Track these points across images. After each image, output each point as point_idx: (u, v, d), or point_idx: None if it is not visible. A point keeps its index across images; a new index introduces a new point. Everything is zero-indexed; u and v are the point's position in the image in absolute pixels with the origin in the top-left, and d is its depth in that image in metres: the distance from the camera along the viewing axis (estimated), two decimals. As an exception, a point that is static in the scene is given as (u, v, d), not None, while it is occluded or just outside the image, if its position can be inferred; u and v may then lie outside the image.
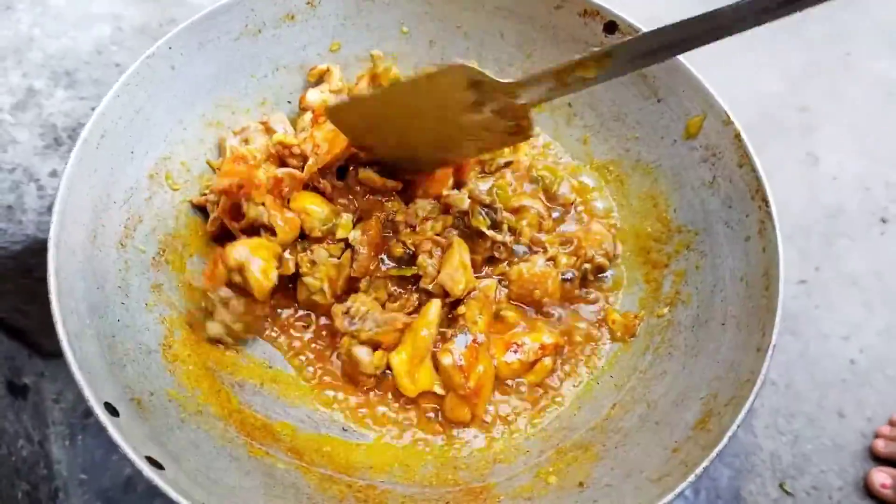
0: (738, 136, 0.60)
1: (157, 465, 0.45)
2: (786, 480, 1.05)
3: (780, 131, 1.34)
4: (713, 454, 0.47)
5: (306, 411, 0.61)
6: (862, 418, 1.10)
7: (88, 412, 0.95)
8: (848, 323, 1.17)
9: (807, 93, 1.38)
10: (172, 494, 0.43)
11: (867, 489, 1.03)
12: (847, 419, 1.09)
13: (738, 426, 0.48)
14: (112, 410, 0.47)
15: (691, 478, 0.47)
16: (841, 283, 1.20)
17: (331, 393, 0.63)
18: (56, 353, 0.95)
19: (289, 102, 0.74)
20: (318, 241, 0.64)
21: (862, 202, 1.25)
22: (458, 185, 0.68)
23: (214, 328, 0.61)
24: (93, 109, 0.76)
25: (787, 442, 1.08)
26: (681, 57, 0.64)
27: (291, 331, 0.66)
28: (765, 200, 0.58)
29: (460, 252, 0.63)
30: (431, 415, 0.62)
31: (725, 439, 0.48)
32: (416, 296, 0.64)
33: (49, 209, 0.73)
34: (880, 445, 1.06)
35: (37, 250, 0.74)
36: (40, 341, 0.93)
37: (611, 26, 0.67)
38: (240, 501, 0.48)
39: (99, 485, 0.91)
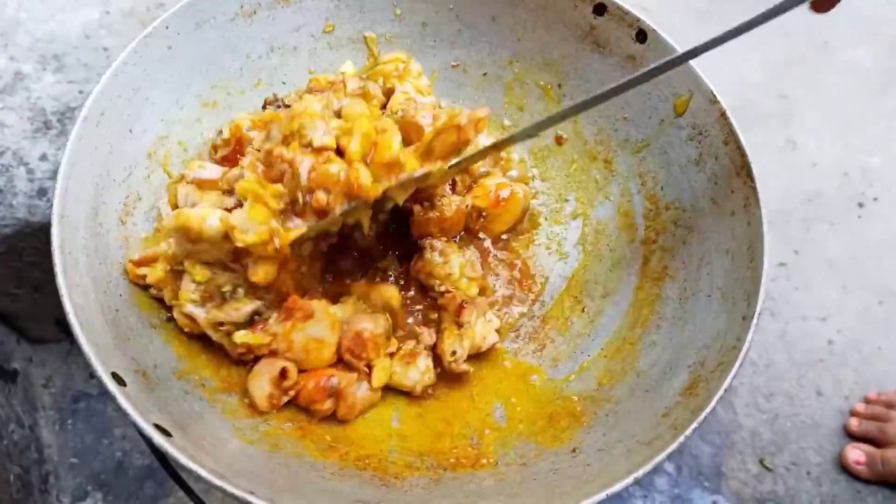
0: (723, 114, 0.63)
1: (165, 433, 0.46)
2: (765, 456, 1.08)
3: (760, 118, 1.37)
4: (701, 416, 0.49)
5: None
6: (839, 397, 1.13)
7: (77, 397, 0.95)
8: (826, 305, 1.20)
9: (786, 81, 1.41)
10: (182, 459, 0.44)
11: (842, 465, 1.06)
12: (825, 398, 1.12)
13: (725, 390, 0.51)
14: (119, 380, 0.47)
15: (681, 438, 0.49)
16: (819, 266, 1.23)
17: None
18: (45, 339, 0.96)
19: (283, 83, 0.75)
20: None
21: (840, 187, 1.28)
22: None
23: None
24: (81, 93, 0.77)
25: (767, 420, 1.11)
26: (669, 39, 0.66)
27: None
28: (749, 177, 0.60)
29: None
30: None
31: (713, 402, 0.50)
32: None
33: (39, 193, 0.73)
34: (854, 424, 1.09)
35: (27, 234, 0.74)
36: (29, 326, 0.93)
37: (600, 8, 0.69)
38: (244, 468, 0.49)
39: (90, 468, 0.92)
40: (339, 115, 0.67)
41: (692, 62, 0.64)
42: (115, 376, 0.47)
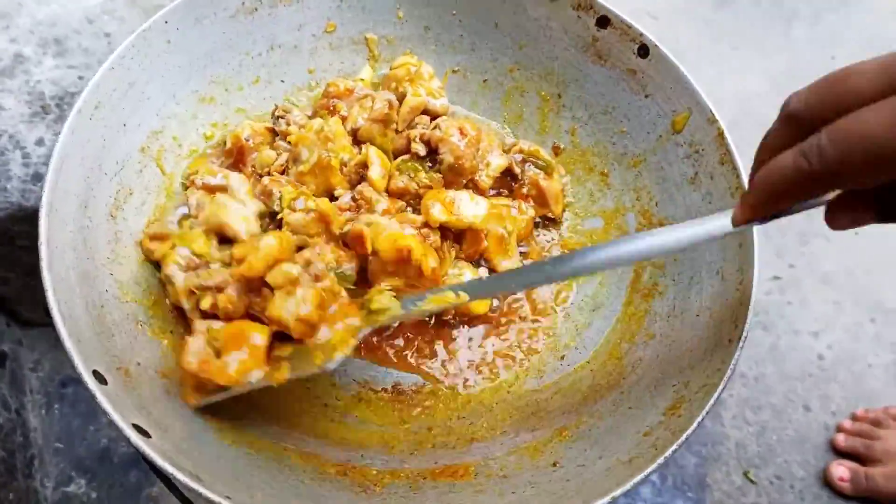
0: (721, 133, 0.62)
1: (143, 433, 0.46)
2: (750, 469, 1.08)
3: (761, 130, 1.36)
4: (683, 438, 0.49)
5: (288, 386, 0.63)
6: (827, 412, 1.13)
7: (65, 382, 0.95)
8: (818, 319, 1.20)
9: (790, 93, 1.40)
10: (159, 461, 0.44)
11: (826, 482, 1.07)
12: (812, 413, 1.13)
13: (708, 412, 0.51)
14: (100, 378, 0.47)
15: (660, 460, 0.49)
16: (814, 281, 1.23)
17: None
18: (34, 322, 0.96)
19: (282, 81, 0.75)
20: None
21: (837, 203, 1.28)
22: None
23: None
24: (81, 78, 0.76)
25: (754, 432, 1.11)
26: (669, 54, 0.66)
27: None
28: (743, 198, 0.59)
29: None
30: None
31: (695, 424, 0.50)
32: None
33: (34, 178, 0.73)
34: (840, 440, 1.09)
35: (20, 218, 0.74)
36: (19, 309, 0.93)
37: (603, 21, 0.68)
38: (223, 470, 0.49)
39: (75, 454, 0.92)
40: (354, 136, 0.68)
41: (693, 81, 0.64)
42: (95, 374, 0.47)
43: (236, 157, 0.68)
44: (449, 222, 0.64)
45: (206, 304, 0.56)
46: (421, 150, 0.67)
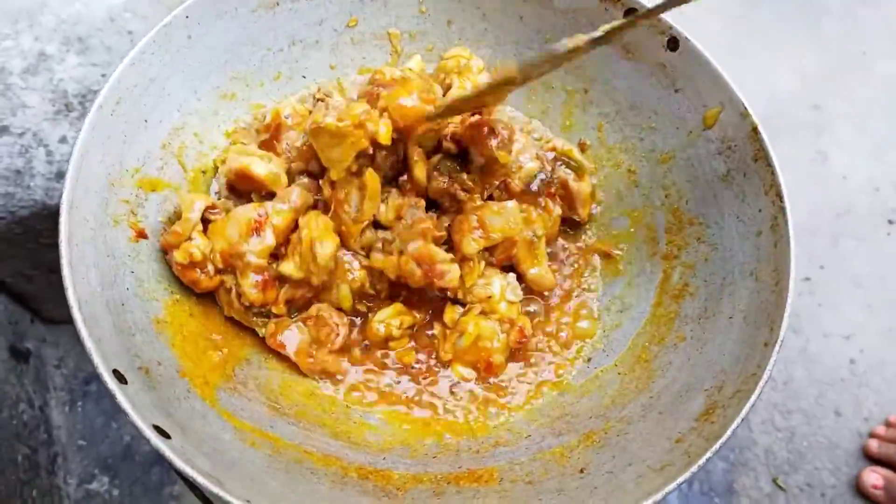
0: (755, 129, 0.60)
1: (163, 434, 0.45)
2: (779, 476, 1.06)
3: (791, 129, 1.33)
4: (717, 446, 0.48)
5: (310, 387, 0.62)
6: (859, 418, 1.10)
7: (89, 379, 0.95)
8: (850, 323, 1.17)
9: (820, 91, 1.38)
10: (178, 463, 0.43)
11: (859, 489, 1.04)
12: (844, 418, 1.10)
13: (742, 419, 0.49)
14: (121, 378, 0.47)
15: (693, 468, 0.47)
16: (845, 283, 1.20)
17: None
18: (58, 320, 0.96)
19: (303, 77, 0.74)
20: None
21: (870, 203, 1.25)
22: None
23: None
24: (104, 76, 0.76)
25: (783, 438, 1.08)
26: (700, 47, 0.64)
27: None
28: (779, 196, 0.57)
29: None
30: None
31: (729, 432, 0.48)
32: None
33: (58, 175, 0.73)
34: (874, 446, 1.06)
35: (44, 216, 0.74)
36: (43, 307, 0.93)
37: (631, 13, 0.67)
38: (243, 473, 0.49)
39: (98, 451, 0.92)
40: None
41: (725, 74, 0.62)
42: (116, 373, 0.46)
43: (272, 135, 0.68)
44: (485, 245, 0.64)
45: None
46: (452, 148, 0.65)
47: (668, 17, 0.65)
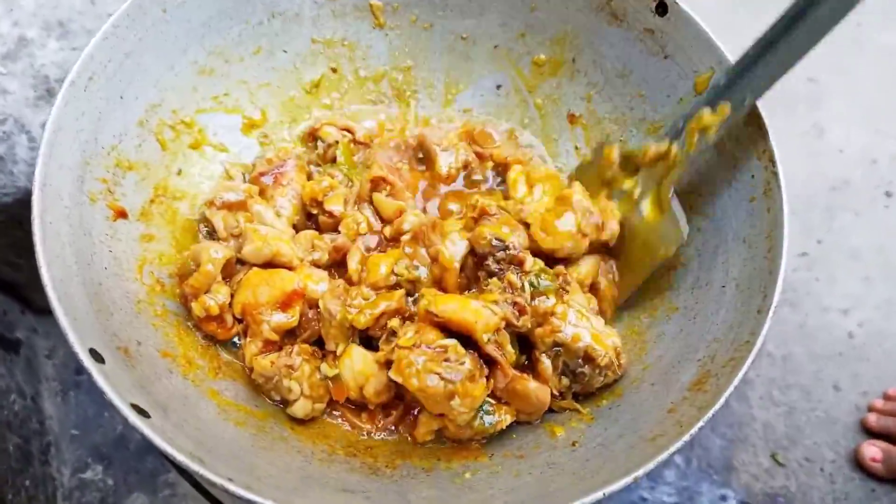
0: (746, 93, 0.59)
1: (142, 413, 0.44)
2: (778, 451, 1.05)
3: (786, 102, 1.32)
4: (709, 414, 0.47)
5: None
6: (857, 392, 1.09)
7: (80, 369, 0.94)
8: (848, 296, 1.16)
9: (815, 63, 1.35)
10: (157, 441, 0.42)
11: (858, 462, 1.03)
12: (842, 392, 1.09)
13: (735, 387, 0.48)
14: (98, 357, 0.46)
15: (686, 437, 0.46)
16: (842, 257, 1.19)
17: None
18: (48, 309, 0.95)
19: (284, 52, 0.72)
20: None
21: (867, 175, 1.23)
22: None
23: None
24: (84, 55, 0.74)
25: (782, 413, 1.08)
26: (690, 11, 0.62)
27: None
28: (771, 161, 0.56)
29: None
30: None
31: (722, 399, 0.47)
32: None
33: (41, 161, 0.71)
34: (872, 419, 1.06)
35: (28, 202, 0.72)
36: (32, 296, 0.92)
37: (661, 7, 0.64)
38: (227, 451, 0.47)
39: (91, 440, 0.91)
40: None
41: (715, 38, 0.60)
42: (92, 352, 0.45)
43: (275, 176, 0.67)
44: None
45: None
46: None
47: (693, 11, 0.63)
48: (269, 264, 0.60)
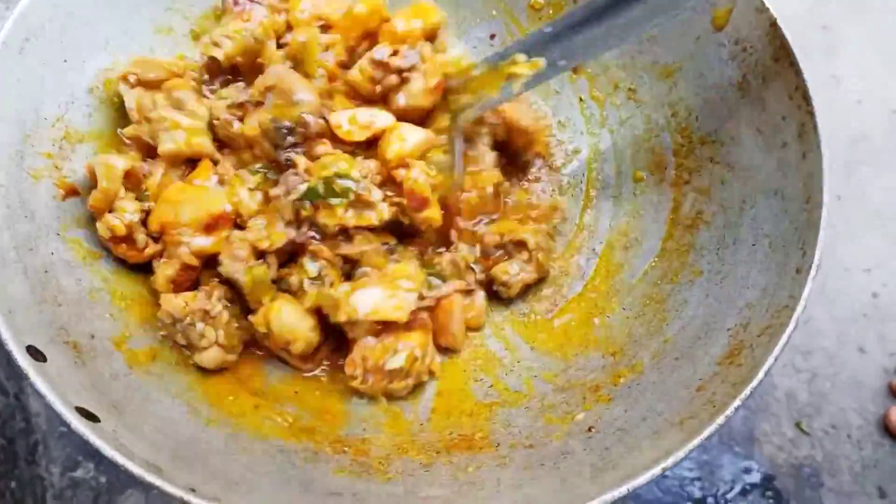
0: (773, 24, 0.52)
1: (90, 417, 0.38)
2: (802, 420, 1.00)
3: (799, 52, 1.25)
4: (746, 391, 0.41)
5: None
6: (884, 354, 1.05)
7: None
8: (870, 255, 1.11)
9: (829, 11, 1.29)
10: (106, 450, 0.36)
11: (887, 428, 0.99)
12: (868, 355, 1.04)
13: (776, 358, 0.41)
14: (38, 355, 0.39)
15: (720, 419, 0.40)
16: (863, 214, 1.13)
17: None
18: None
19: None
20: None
21: (888, 128, 1.17)
22: None
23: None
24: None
25: (804, 380, 1.03)
26: (705, -65, 0.55)
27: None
28: (805, 98, 0.49)
29: None
30: None
31: (761, 373, 0.41)
32: None
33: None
34: (901, 382, 1.01)
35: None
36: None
37: None
38: (195, 454, 0.42)
39: (81, 438, 0.87)
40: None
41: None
42: (31, 350, 0.39)
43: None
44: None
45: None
46: None
47: None
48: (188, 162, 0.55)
